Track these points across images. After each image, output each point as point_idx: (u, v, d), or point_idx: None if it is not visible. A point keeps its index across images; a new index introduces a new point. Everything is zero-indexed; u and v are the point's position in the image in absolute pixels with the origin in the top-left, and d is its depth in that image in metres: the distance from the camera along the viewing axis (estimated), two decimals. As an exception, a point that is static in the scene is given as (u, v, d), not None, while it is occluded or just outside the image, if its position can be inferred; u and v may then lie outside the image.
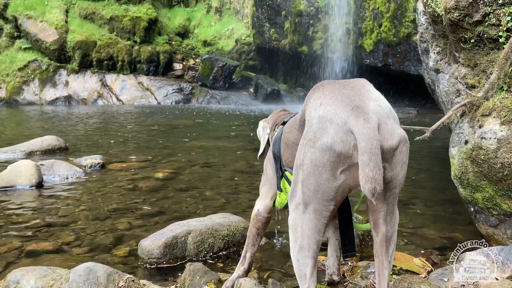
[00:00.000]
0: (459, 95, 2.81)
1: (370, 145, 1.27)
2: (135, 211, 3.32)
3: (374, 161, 1.26)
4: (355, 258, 2.42)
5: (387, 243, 1.52)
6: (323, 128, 1.36)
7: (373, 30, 10.77)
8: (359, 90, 1.42)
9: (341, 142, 1.32)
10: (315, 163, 1.37)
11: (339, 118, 1.34)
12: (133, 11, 14.80)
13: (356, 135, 1.30)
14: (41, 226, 2.98)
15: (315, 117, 1.41)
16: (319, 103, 1.43)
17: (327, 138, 1.34)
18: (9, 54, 13.90)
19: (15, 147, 5.41)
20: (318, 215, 1.44)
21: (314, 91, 1.52)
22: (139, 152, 5.70)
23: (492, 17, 2.42)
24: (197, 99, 13.91)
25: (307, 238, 1.47)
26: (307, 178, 1.40)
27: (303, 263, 1.51)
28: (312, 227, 1.45)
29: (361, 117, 1.31)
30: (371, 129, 1.28)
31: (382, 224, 1.49)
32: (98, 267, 1.92)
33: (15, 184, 3.90)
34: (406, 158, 1.42)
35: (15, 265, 2.37)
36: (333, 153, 1.33)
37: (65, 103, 13.56)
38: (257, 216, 1.98)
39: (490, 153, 2.30)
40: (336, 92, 1.42)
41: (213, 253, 2.51)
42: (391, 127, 1.36)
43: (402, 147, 1.38)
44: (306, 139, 1.41)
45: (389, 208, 1.47)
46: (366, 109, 1.33)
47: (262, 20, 14.03)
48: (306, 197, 1.43)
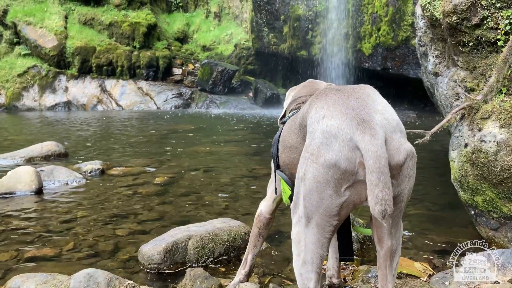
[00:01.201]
0: (458, 98, 2.82)
1: (378, 164, 1.22)
2: (134, 216, 3.31)
3: (383, 181, 1.21)
4: (356, 262, 2.41)
5: (391, 257, 1.49)
6: (327, 143, 1.30)
7: (372, 34, 10.80)
8: (365, 101, 1.35)
9: (346, 160, 1.27)
10: (318, 179, 1.32)
11: (344, 134, 1.28)
12: (132, 17, 14.83)
13: (363, 152, 1.24)
14: (41, 232, 2.98)
15: (318, 130, 1.35)
16: (322, 115, 1.37)
17: (331, 154, 1.29)
18: (8, 60, 13.91)
19: (15, 153, 5.41)
20: (321, 230, 1.39)
21: (317, 100, 1.46)
22: (139, 157, 5.70)
23: (490, 21, 2.43)
24: (197, 103, 13.92)
25: (311, 253, 1.43)
26: (309, 193, 1.36)
27: (306, 278, 1.47)
28: (315, 242, 1.41)
29: (367, 132, 1.25)
30: (378, 146, 1.23)
31: (387, 238, 1.46)
32: (98, 273, 1.92)
33: (15, 190, 3.89)
34: (413, 172, 1.39)
35: (15, 271, 2.36)
36: (338, 170, 1.28)
37: (65, 109, 13.56)
38: (259, 216, 2.01)
39: (490, 156, 2.31)
40: (340, 104, 1.35)
41: (213, 258, 2.51)
42: (397, 142, 1.31)
43: (409, 162, 1.34)
44: (309, 153, 1.35)
45: (394, 221, 1.44)
46: (372, 124, 1.28)
47: (261, 24, 14.07)
48: (309, 211, 1.39)
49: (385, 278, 1.51)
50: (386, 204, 1.21)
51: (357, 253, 2.53)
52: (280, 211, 2.96)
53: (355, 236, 2.59)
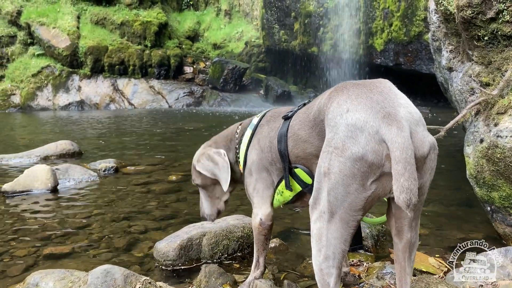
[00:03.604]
0: (473, 93, 2.78)
1: (405, 155, 1.23)
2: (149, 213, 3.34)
3: (409, 171, 1.22)
4: (371, 258, 2.41)
5: (410, 249, 1.49)
6: (352, 136, 1.30)
7: (384, 29, 10.70)
8: (388, 95, 1.36)
9: (373, 153, 1.28)
10: (345, 173, 1.31)
11: (370, 127, 1.29)
12: (143, 16, 14.93)
13: (389, 144, 1.25)
14: (58, 230, 3.02)
15: (342, 124, 1.34)
16: (345, 109, 1.36)
17: (358, 148, 1.29)
18: (22, 61, 14.12)
19: (30, 152, 5.50)
20: (344, 225, 1.38)
21: (338, 94, 1.44)
22: (152, 155, 5.74)
23: (506, 14, 2.39)
24: (208, 101, 13.97)
25: (333, 248, 1.40)
26: (335, 188, 1.34)
27: (327, 273, 1.43)
28: (338, 237, 1.39)
29: (394, 125, 1.26)
30: (405, 138, 1.24)
31: (408, 230, 1.46)
32: (115, 269, 1.94)
33: (32, 189, 3.96)
34: (435, 164, 1.40)
35: (34, 268, 2.40)
36: (365, 163, 1.29)
37: (78, 108, 13.72)
38: (261, 225, 1.93)
39: (507, 151, 2.28)
40: (364, 97, 1.36)
41: (228, 255, 2.52)
42: (421, 135, 1.32)
43: (432, 154, 1.35)
44: (332, 147, 1.34)
45: (415, 214, 1.45)
46: (398, 117, 1.29)
47: (271, 22, 14.04)
48: (333, 206, 1.37)
49: (404, 270, 1.51)
50: (412, 193, 1.22)
51: (371, 250, 2.53)
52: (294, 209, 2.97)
53: (369, 232, 2.58)
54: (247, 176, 2.00)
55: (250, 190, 1.99)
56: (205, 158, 2.15)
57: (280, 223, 3.01)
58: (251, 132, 2.02)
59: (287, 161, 1.76)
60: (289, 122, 1.78)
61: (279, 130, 1.81)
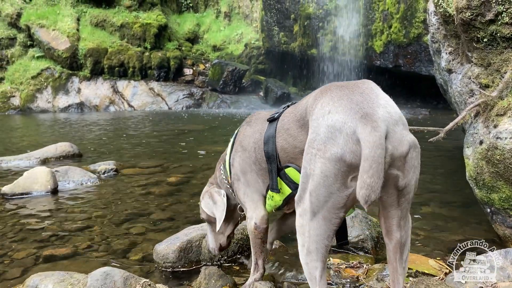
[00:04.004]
0: (472, 95, 2.79)
1: (374, 153, 1.27)
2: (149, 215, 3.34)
3: (374, 169, 1.26)
4: (371, 260, 2.40)
5: (401, 249, 1.51)
6: (332, 137, 1.35)
7: (383, 31, 10.72)
8: (368, 96, 1.40)
9: (351, 153, 1.32)
10: (326, 173, 1.36)
11: (348, 128, 1.33)
12: (143, 18, 14.93)
13: (362, 143, 1.29)
14: (57, 232, 3.02)
15: (323, 125, 1.39)
16: (327, 110, 1.41)
17: (337, 148, 1.34)
18: (22, 63, 14.11)
19: (30, 154, 5.49)
20: (327, 223, 1.43)
21: (322, 95, 1.49)
22: (151, 157, 5.74)
23: (505, 16, 2.40)
24: (208, 103, 13.96)
25: (315, 243, 1.47)
26: (317, 189, 1.40)
27: (312, 267, 1.50)
28: (321, 233, 1.45)
29: (369, 125, 1.30)
30: (377, 137, 1.28)
31: (396, 230, 1.49)
32: (115, 271, 1.94)
33: (31, 191, 3.96)
34: (418, 163, 1.43)
35: (33, 270, 2.40)
36: (344, 163, 1.33)
37: (78, 110, 13.71)
38: (256, 229, 1.94)
39: (506, 153, 2.28)
40: (345, 99, 1.40)
41: (227, 257, 2.52)
42: (400, 134, 1.35)
43: (413, 153, 1.38)
44: (315, 148, 1.39)
45: (403, 213, 1.47)
46: (374, 117, 1.32)
47: (271, 24, 14.05)
48: (314, 206, 1.42)
49: (396, 271, 1.53)
50: (372, 190, 1.25)
51: (371, 251, 2.52)
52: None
53: (369, 234, 2.58)
54: (235, 182, 2.01)
55: (240, 195, 1.99)
56: (208, 197, 2.22)
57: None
58: (232, 141, 2.06)
59: (275, 162, 1.76)
60: (276, 123, 1.78)
61: (265, 132, 1.82)
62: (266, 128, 1.83)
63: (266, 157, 1.79)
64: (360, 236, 2.56)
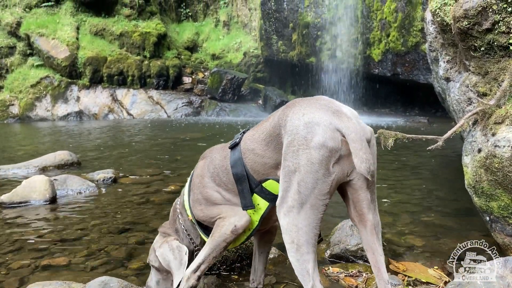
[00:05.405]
0: (470, 103, 2.80)
1: (359, 135, 1.49)
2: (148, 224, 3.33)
3: (365, 146, 1.47)
4: (370, 269, 2.39)
5: (376, 230, 1.64)
6: (311, 131, 1.52)
7: (381, 40, 10.78)
8: (331, 101, 1.63)
9: (331, 139, 1.50)
10: (312, 161, 1.50)
11: (325, 120, 1.53)
12: (142, 27, 15.00)
13: (344, 130, 1.50)
14: (55, 241, 3.01)
15: (301, 124, 1.55)
16: (302, 113, 1.58)
17: (318, 137, 1.50)
18: (21, 72, 14.14)
19: (28, 162, 5.48)
20: (315, 211, 1.53)
21: (291, 108, 1.65)
22: (150, 165, 5.74)
23: (501, 25, 2.42)
24: (207, 111, 13.98)
25: (305, 235, 1.54)
26: (304, 178, 1.51)
27: (303, 260, 1.54)
28: (309, 223, 1.54)
29: (343, 117, 1.54)
30: (355, 124, 1.52)
31: (368, 212, 1.62)
32: (113, 281, 1.93)
33: (30, 200, 3.94)
34: (375, 150, 1.66)
35: (31, 280, 2.38)
36: (326, 149, 1.50)
37: (77, 119, 13.72)
38: (233, 232, 1.80)
39: (504, 161, 2.28)
40: (314, 104, 1.61)
41: (226, 266, 2.51)
42: (363, 125, 1.59)
43: (373, 140, 1.63)
44: (296, 145, 1.53)
45: (372, 196, 1.63)
46: (343, 112, 1.57)
47: (269, 32, 14.13)
48: (303, 196, 1.52)
49: (376, 252, 1.64)
50: (369, 163, 1.44)
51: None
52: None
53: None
54: (196, 207, 1.94)
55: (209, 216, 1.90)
56: (168, 248, 2.04)
57: (278, 234, 2.99)
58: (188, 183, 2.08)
59: (247, 182, 1.76)
60: (239, 147, 1.81)
61: (230, 158, 1.83)
62: (228, 155, 1.85)
63: (236, 179, 1.79)
64: (359, 245, 2.55)
